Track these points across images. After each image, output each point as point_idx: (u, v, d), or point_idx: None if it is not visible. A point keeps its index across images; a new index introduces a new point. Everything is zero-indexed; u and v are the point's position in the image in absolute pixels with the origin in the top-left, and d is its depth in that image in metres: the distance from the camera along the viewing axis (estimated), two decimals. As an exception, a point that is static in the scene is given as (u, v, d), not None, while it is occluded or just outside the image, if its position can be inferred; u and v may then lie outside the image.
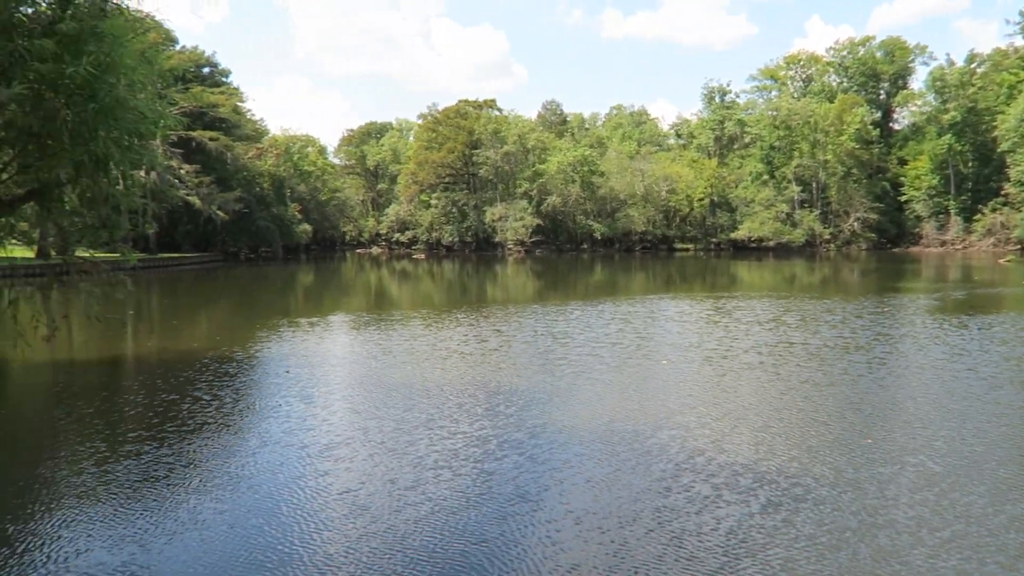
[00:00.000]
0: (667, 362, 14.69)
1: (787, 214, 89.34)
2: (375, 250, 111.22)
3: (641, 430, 9.60)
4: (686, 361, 14.83)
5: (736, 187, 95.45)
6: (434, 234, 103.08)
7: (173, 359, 15.55)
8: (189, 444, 9.15)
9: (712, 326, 20.54)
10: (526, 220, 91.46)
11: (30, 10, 10.55)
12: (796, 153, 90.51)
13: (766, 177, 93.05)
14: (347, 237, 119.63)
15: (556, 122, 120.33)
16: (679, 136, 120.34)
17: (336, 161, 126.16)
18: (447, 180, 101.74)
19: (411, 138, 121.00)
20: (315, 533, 6.46)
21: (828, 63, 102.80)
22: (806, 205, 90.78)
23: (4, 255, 12.61)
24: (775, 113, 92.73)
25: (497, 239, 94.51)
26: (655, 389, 12.22)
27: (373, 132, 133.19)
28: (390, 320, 22.95)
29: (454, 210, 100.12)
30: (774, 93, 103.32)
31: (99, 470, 8.15)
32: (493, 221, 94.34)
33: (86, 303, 12.82)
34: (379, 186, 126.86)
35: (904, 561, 5.83)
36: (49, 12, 10.39)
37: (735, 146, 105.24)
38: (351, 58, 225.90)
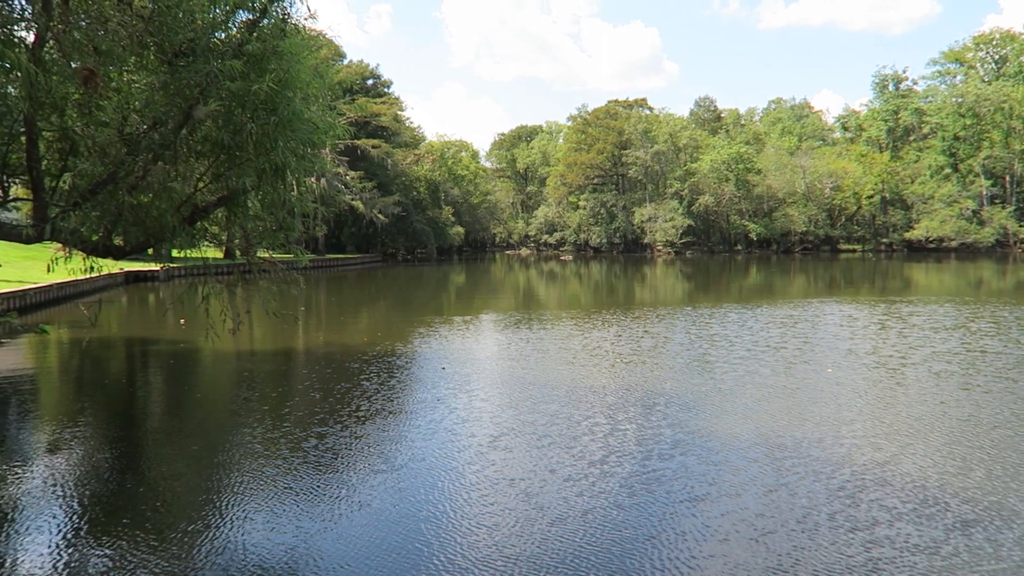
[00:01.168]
0: (831, 369, 13.70)
1: (973, 211, 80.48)
2: (524, 251, 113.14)
3: (816, 437, 9.08)
4: (859, 368, 13.74)
5: (912, 182, 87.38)
6: (582, 235, 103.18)
7: (341, 352, 16.65)
8: (366, 429, 9.85)
9: (886, 332, 18.87)
10: (676, 220, 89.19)
11: (222, 35, 11.71)
12: (986, 143, 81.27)
13: (948, 171, 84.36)
14: (497, 239, 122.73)
15: (709, 119, 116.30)
16: (846, 129, 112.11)
17: (487, 165, 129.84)
18: (596, 181, 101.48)
19: (560, 140, 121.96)
20: (487, 517, 6.73)
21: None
22: (997, 201, 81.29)
23: (199, 255, 14.07)
24: (960, 100, 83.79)
25: (646, 240, 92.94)
26: (827, 396, 11.41)
27: (523, 135, 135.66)
28: (541, 320, 23.19)
29: (602, 211, 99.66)
30: (959, 78, 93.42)
31: (294, 448, 8.93)
32: (642, 222, 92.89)
33: (265, 299, 14.03)
34: (528, 188, 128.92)
35: None
36: (238, 36, 11.46)
37: (911, 138, 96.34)
38: (504, 63, 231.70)
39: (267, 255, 14.62)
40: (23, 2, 8.81)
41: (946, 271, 50.08)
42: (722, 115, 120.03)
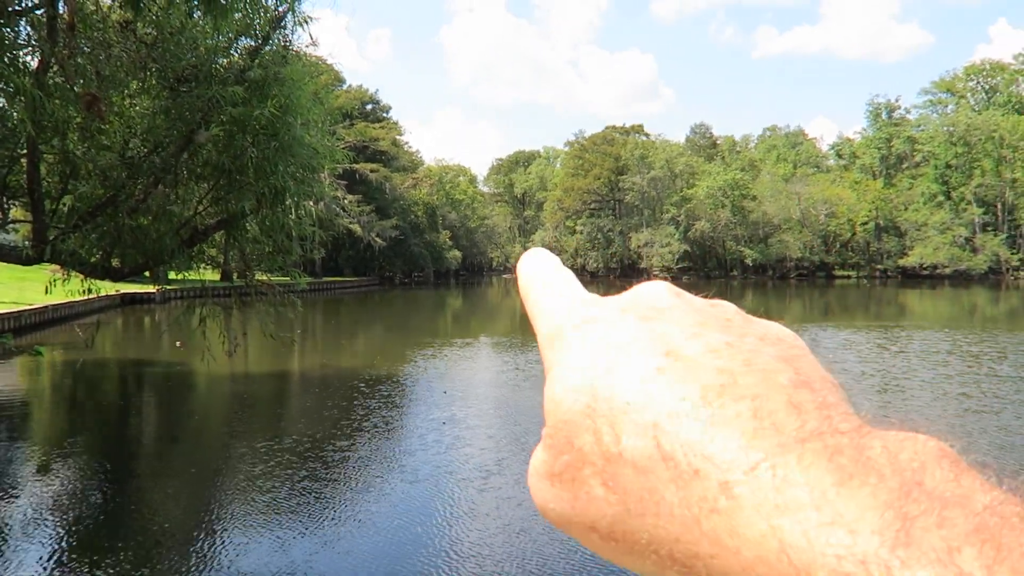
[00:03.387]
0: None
1: (966, 239, 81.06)
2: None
3: None
4: (863, 390, 13.79)
5: (905, 210, 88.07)
6: (579, 260, 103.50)
7: (340, 375, 16.63)
8: (373, 449, 9.88)
9: (884, 356, 18.94)
10: (672, 246, 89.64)
11: (224, 61, 11.87)
12: (977, 172, 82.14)
13: (941, 198, 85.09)
14: (494, 263, 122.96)
15: (705, 145, 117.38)
16: (840, 156, 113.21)
17: (485, 189, 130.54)
18: (593, 206, 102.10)
19: (558, 165, 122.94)
20: (508, 530, 6.90)
21: (1017, 71, 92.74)
22: (989, 228, 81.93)
23: (197, 277, 14.11)
24: (952, 129, 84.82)
25: (642, 265, 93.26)
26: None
27: (521, 160, 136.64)
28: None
29: (599, 236, 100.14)
30: (951, 107, 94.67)
31: (296, 470, 8.86)
32: (639, 247, 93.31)
33: (262, 322, 14.04)
34: (525, 213, 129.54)
35: None
36: (241, 62, 11.62)
37: (904, 166, 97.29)
38: (502, 88, 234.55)
39: (265, 278, 14.65)
40: (29, 28, 8.94)
41: (940, 298, 50.35)
42: (717, 142, 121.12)
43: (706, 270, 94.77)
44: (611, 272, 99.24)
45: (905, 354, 19.77)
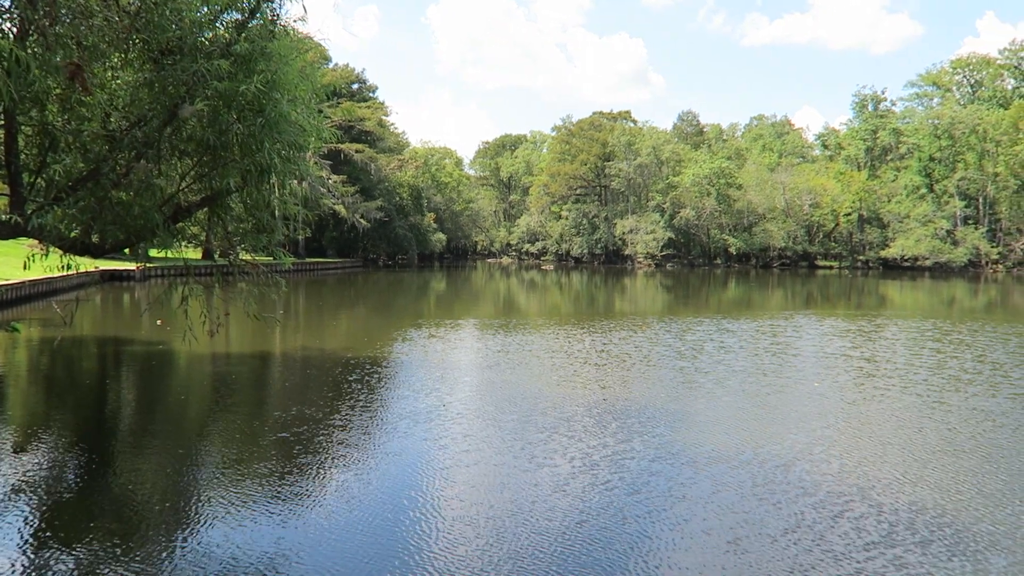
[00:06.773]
0: (818, 383, 13.87)
1: (947, 231, 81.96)
2: (505, 260, 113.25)
3: (801, 449, 9.13)
4: (843, 381, 13.91)
5: (888, 201, 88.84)
6: (564, 245, 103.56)
7: (324, 357, 16.50)
8: (352, 433, 9.72)
9: (868, 346, 19.13)
10: (657, 233, 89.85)
11: (210, 34, 11.58)
12: (960, 165, 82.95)
13: (924, 191, 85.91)
14: (479, 247, 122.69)
15: (692, 133, 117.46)
16: (825, 147, 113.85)
17: (471, 172, 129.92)
18: (579, 192, 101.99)
19: (544, 150, 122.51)
20: (482, 518, 6.69)
21: (1002, 66, 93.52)
22: (970, 222, 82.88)
23: (178, 255, 13.87)
24: (937, 122, 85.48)
25: (627, 252, 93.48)
26: (811, 408, 11.51)
27: (508, 144, 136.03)
28: (525, 328, 23.17)
29: (584, 222, 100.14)
30: (936, 100, 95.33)
31: (275, 452, 8.77)
32: (624, 234, 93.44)
33: (245, 302, 13.85)
34: (511, 197, 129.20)
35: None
36: (226, 35, 11.34)
37: (888, 157, 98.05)
38: (490, 71, 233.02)
39: (249, 257, 14.43)
40: (7, -6, 8.66)
41: (920, 289, 50.91)
42: (704, 130, 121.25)
43: (690, 258, 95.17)
44: (595, 258, 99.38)
45: (885, 343, 19.97)
